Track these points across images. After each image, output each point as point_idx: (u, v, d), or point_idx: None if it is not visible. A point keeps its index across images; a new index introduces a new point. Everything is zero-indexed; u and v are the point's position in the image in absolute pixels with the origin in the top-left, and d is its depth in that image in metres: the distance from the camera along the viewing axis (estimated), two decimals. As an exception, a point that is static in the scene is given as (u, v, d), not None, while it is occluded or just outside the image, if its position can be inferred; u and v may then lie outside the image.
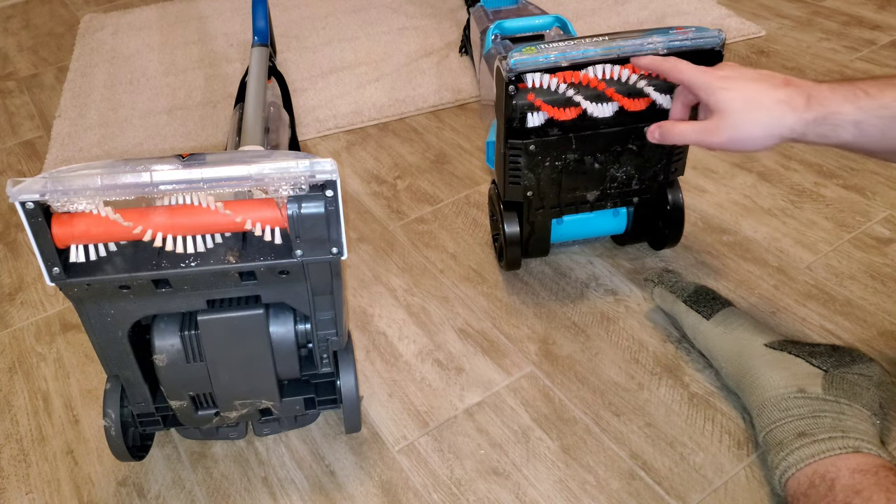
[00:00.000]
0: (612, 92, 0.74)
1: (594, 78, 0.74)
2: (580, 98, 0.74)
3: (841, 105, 0.58)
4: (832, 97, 0.59)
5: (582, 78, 0.74)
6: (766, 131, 0.61)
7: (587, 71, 0.74)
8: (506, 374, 0.78)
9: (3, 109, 1.39)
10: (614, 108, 0.75)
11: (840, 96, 0.58)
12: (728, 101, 0.62)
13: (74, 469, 0.73)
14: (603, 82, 0.74)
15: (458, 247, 0.95)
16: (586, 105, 0.74)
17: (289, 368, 0.65)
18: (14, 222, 1.08)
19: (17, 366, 0.85)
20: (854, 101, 0.58)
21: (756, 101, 0.61)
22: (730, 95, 0.62)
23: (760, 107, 0.61)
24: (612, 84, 0.74)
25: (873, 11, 1.41)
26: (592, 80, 0.74)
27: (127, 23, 1.63)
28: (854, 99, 0.58)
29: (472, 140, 1.15)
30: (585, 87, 0.74)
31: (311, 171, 0.53)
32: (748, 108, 0.62)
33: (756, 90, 0.62)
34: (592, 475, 0.68)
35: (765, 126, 0.61)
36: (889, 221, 0.93)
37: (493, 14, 1.13)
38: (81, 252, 0.55)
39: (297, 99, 1.28)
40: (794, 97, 0.60)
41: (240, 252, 0.57)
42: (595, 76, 0.74)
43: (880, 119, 0.57)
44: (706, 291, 0.79)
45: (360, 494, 0.69)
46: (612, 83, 0.74)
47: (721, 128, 0.63)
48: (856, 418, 0.62)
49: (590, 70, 0.74)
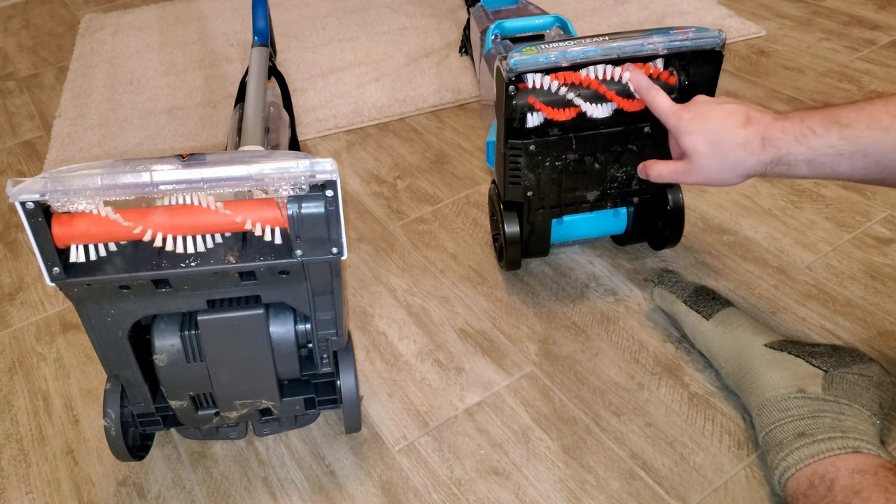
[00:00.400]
0: (609, 93, 0.74)
1: (592, 79, 0.74)
2: (578, 99, 0.74)
3: (792, 146, 0.61)
4: (784, 139, 0.61)
5: (579, 79, 0.74)
6: (731, 173, 0.65)
7: (585, 72, 0.74)
8: (506, 374, 0.78)
9: (3, 109, 1.39)
10: (612, 109, 0.75)
11: (791, 137, 0.61)
12: (694, 146, 0.66)
13: (74, 469, 0.73)
14: (601, 83, 0.74)
15: (458, 247, 0.95)
16: (584, 105, 0.74)
17: (289, 368, 0.65)
18: (14, 222, 1.08)
19: (17, 366, 0.85)
20: (803, 142, 0.61)
21: (718, 145, 0.65)
22: (695, 140, 0.66)
23: (723, 151, 0.65)
24: (610, 85, 0.74)
25: (873, 11, 1.41)
26: (590, 81, 0.74)
27: (127, 23, 1.63)
28: (803, 139, 0.61)
29: (472, 140, 1.15)
30: (583, 88, 0.74)
31: (311, 171, 0.53)
32: (713, 153, 0.65)
33: (718, 134, 0.65)
34: (592, 475, 0.68)
35: (729, 169, 0.65)
36: (889, 221, 0.93)
37: (493, 14, 1.13)
38: (81, 252, 0.55)
39: (297, 99, 1.28)
40: (750, 140, 0.63)
41: (240, 252, 0.57)
42: (593, 77, 0.74)
43: (827, 156, 0.60)
44: (706, 291, 0.79)
45: (360, 494, 0.69)
46: (610, 84, 0.74)
47: (693, 170, 0.67)
48: (855, 418, 0.62)
49: (587, 71, 0.74)
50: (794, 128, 0.61)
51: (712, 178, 0.67)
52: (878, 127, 0.57)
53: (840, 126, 0.59)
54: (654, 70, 0.75)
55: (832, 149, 0.59)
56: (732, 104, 0.66)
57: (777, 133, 0.62)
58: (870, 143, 0.58)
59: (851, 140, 0.58)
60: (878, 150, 0.57)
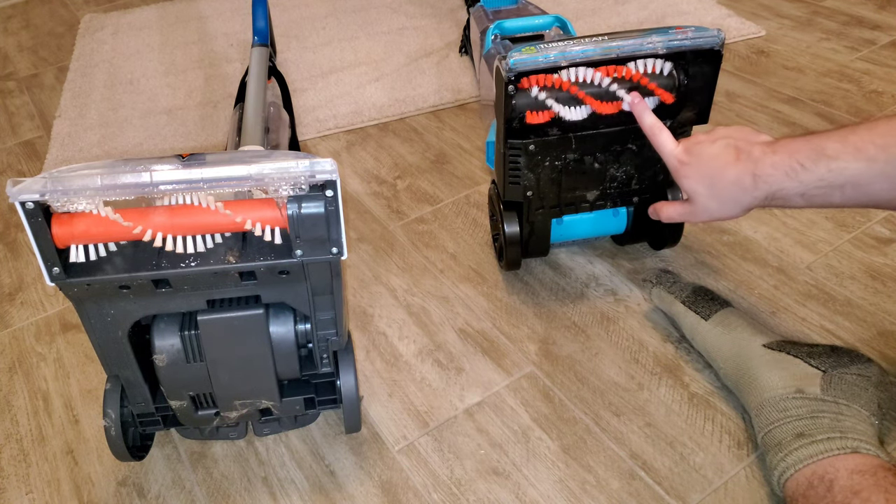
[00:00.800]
0: (584, 95, 0.74)
1: (566, 81, 0.74)
2: (553, 102, 0.74)
3: (783, 182, 0.62)
4: (775, 175, 0.62)
5: (555, 81, 0.74)
6: (733, 209, 0.66)
7: (559, 75, 0.74)
8: (506, 374, 0.78)
9: (3, 109, 1.39)
10: (587, 112, 0.75)
11: (781, 173, 0.62)
12: (693, 189, 0.68)
13: (74, 469, 0.73)
14: (575, 86, 0.74)
15: (458, 247, 0.95)
16: (558, 108, 0.74)
17: (289, 368, 0.65)
18: (14, 222, 1.08)
19: (17, 366, 0.85)
20: (794, 177, 0.61)
21: (714, 186, 0.66)
22: (692, 184, 0.68)
23: (719, 191, 0.66)
24: (585, 87, 0.74)
25: (873, 11, 1.41)
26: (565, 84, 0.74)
27: (127, 23, 1.63)
28: (793, 174, 0.61)
29: (472, 140, 1.15)
30: (558, 91, 0.74)
31: (311, 171, 0.53)
32: (711, 194, 0.67)
33: (712, 174, 0.66)
34: (592, 475, 0.68)
35: (731, 207, 0.66)
36: (889, 221, 0.93)
37: (493, 14, 1.13)
38: (81, 252, 0.55)
39: (297, 99, 1.28)
40: (742, 178, 0.64)
41: (240, 252, 0.57)
42: (568, 79, 0.74)
43: (819, 189, 0.60)
44: (704, 292, 0.79)
45: (360, 494, 0.69)
46: (584, 86, 0.74)
47: (697, 212, 0.69)
48: (854, 419, 0.62)
49: (563, 73, 0.74)
50: (784, 163, 0.62)
51: (716, 215, 0.68)
52: (863, 158, 0.58)
53: (828, 159, 0.59)
54: (627, 71, 0.74)
55: (822, 182, 0.60)
56: (723, 139, 0.67)
57: (767, 169, 0.62)
58: (857, 175, 0.58)
59: (839, 172, 0.59)
60: (867, 180, 0.58)
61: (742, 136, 0.66)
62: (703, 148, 0.67)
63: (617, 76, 0.74)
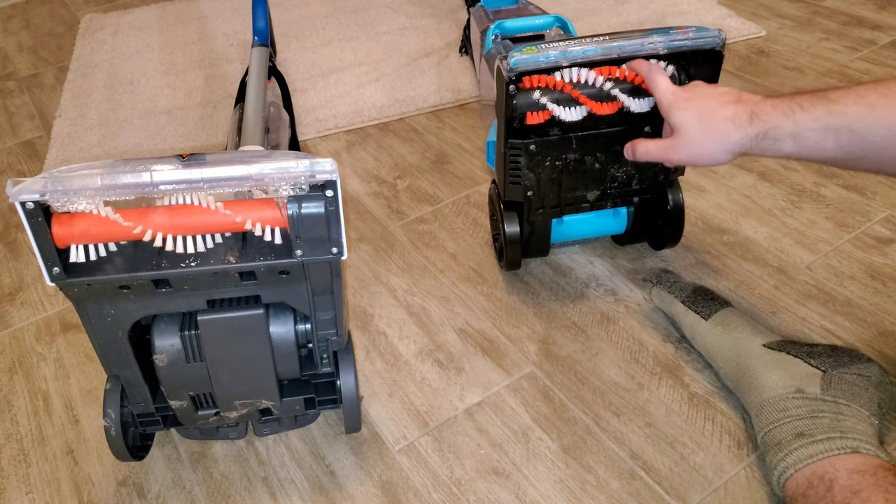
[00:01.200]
0: (580, 96, 0.74)
1: (560, 81, 0.74)
2: (549, 103, 0.74)
3: (779, 120, 0.62)
4: (772, 113, 0.62)
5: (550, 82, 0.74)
6: (717, 147, 0.66)
7: (555, 75, 0.74)
8: (506, 374, 0.78)
9: (3, 109, 1.39)
10: (584, 113, 0.75)
11: (779, 112, 0.62)
12: (684, 121, 0.67)
13: (74, 469, 0.73)
14: (570, 86, 0.74)
15: (458, 247, 0.95)
16: (555, 109, 0.74)
17: (289, 368, 0.65)
18: (14, 222, 1.08)
19: (17, 366, 0.85)
20: (790, 116, 0.61)
21: (707, 119, 0.66)
22: (686, 115, 0.67)
23: (711, 125, 0.65)
24: (581, 88, 0.74)
25: (873, 11, 1.41)
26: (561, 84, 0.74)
27: (127, 23, 1.63)
28: (790, 113, 0.61)
29: (472, 140, 1.15)
30: (554, 91, 0.74)
31: (311, 171, 0.53)
32: (701, 127, 0.66)
33: (708, 109, 0.66)
34: (592, 475, 0.68)
35: (716, 142, 0.65)
36: (889, 221, 0.93)
37: (493, 14, 1.13)
38: (81, 252, 0.55)
39: (297, 99, 1.28)
40: (739, 114, 0.64)
41: (240, 252, 0.57)
42: (562, 80, 0.74)
43: (813, 131, 0.60)
44: (704, 292, 0.79)
45: (360, 494, 0.69)
46: (581, 87, 0.74)
47: (679, 145, 0.68)
48: (854, 419, 0.62)
49: (560, 74, 0.74)
50: (783, 103, 0.62)
51: (696, 153, 0.67)
52: (864, 103, 0.58)
53: (828, 101, 0.59)
54: (622, 72, 0.74)
55: (818, 123, 0.60)
56: (727, 88, 0.67)
57: (766, 108, 0.63)
58: (856, 119, 0.58)
59: (838, 114, 0.59)
60: (864, 125, 0.58)
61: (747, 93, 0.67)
62: (703, 88, 0.68)
63: (613, 77, 0.75)
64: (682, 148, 0.68)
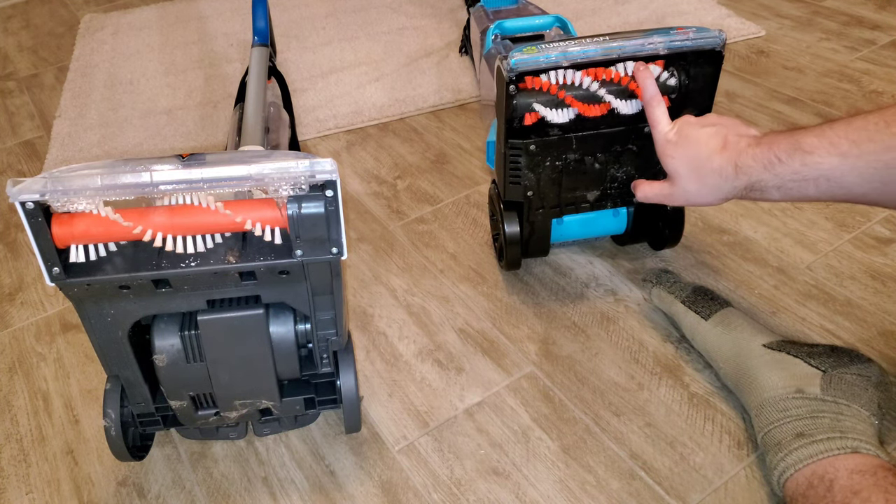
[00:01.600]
0: (568, 97, 0.74)
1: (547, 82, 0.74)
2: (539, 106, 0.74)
3: (761, 174, 0.63)
4: (754, 166, 0.63)
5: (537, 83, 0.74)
6: (711, 196, 0.68)
7: (545, 77, 0.74)
8: (506, 374, 0.78)
9: (3, 109, 1.39)
10: (572, 115, 0.75)
11: (760, 165, 0.63)
12: (675, 170, 0.69)
13: (74, 469, 0.73)
14: (558, 87, 0.74)
15: (458, 247, 0.95)
16: (541, 111, 0.74)
17: (289, 368, 0.65)
18: (14, 222, 1.08)
19: (17, 366, 0.85)
20: (770, 169, 0.62)
21: (697, 170, 0.67)
22: (677, 164, 0.69)
23: (701, 176, 0.67)
24: (569, 90, 0.74)
25: (873, 11, 1.41)
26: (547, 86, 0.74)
27: (127, 23, 1.63)
28: (770, 167, 0.62)
29: (472, 140, 1.15)
30: (543, 93, 0.74)
31: (311, 171, 0.53)
32: (692, 178, 0.68)
33: (697, 159, 0.67)
34: (592, 475, 0.68)
35: (709, 193, 0.67)
36: (889, 221, 0.93)
37: (493, 14, 1.13)
38: (81, 252, 0.55)
39: (297, 99, 1.28)
40: (725, 167, 0.65)
41: (240, 252, 0.57)
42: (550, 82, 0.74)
43: (794, 182, 0.61)
44: (704, 292, 0.79)
45: (360, 494, 0.69)
46: (568, 89, 0.74)
47: (676, 193, 0.70)
48: (854, 419, 0.62)
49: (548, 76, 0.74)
50: (763, 155, 0.62)
51: (693, 200, 0.69)
52: (836, 153, 0.58)
53: (803, 153, 0.60)
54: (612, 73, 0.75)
55: (797, 175, 0.61)
56: (713, 126, 0.67)
57: (748, 161, 0.63)
58: (829, 170, 0.59)
59: (813, 166, 0.60)
60: (839, 174, 0.59)
61: (732, 127, 0.67)
62: (692, 130, 0.68)
63: (600, 78, 0.75)
64: (680, 195, 0.70)
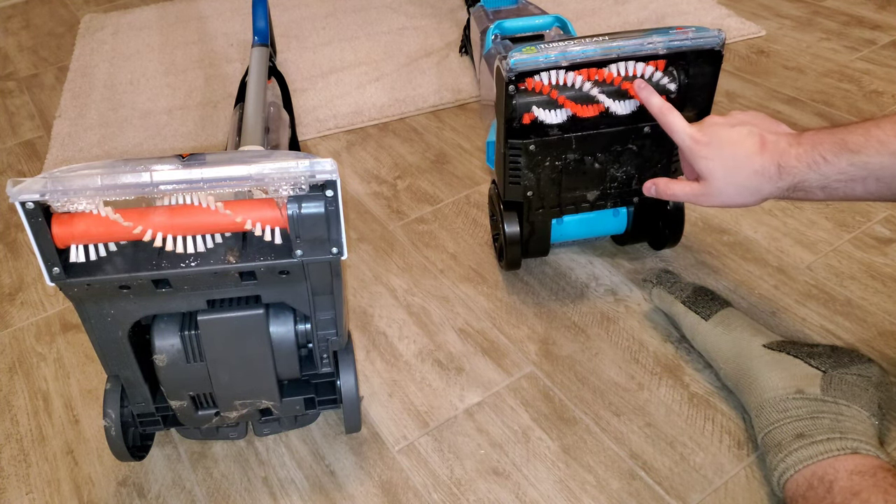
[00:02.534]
0: (561, 98, 0.74)
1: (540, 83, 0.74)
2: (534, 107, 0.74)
3: (805, 174, 0.62)
4: (798, 167, 0.62)
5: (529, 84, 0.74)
6: (750, 198, 0.66)
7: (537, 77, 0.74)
8: (506, 374, 0.78)
9: (3, 109, 1.39)
10: (565, 116, 0.75)
11: (804, 165, 0.62)
12: (710, 171, 0.67)
13: (74, 469, 0.73)
14: (550, 88, 0.74)
15: (458, 247, 0.95)
16: (535, 111, 0.74)
17: (289, 368, 0.65)
18: (14, 222, 1.08)
19: (17, 366, 0.85)
20: (815, 169, 0.62)
21: (735, 170, 0.65)
22: (711, 165, 0.66)
23: (739, 177, 0.65)
24: (563, 90, 0.74)
25: (873, 11, 1.41)
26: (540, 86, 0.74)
27: (127, 23, 1.63)
28: (815, 167, 0.61)
29: (472, 140, 1.15)
30: (537, 94, 0.74)
31: (311, 171, 0.53)
32: (729, 179, 0.66)
33: (735, 161, 0.65)
34: (592, 475, 0.68)
35: (748, 194, 0.66)
36: (889, 221, 0.93)
37: (493, 14, 1.13)
38: (81, 252, 0.55)
39: (297, 99, 1.28)
40: (767, 167, 0.64)
41: (240, 252, 0.57)
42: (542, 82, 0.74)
43: (840, 182, 0.61)
44: (705, 292, 0.79)
45: (360, 494, 0.69)
46: (562, 89, 0.74)
47: (709, 194, 0.68)
48: (854, 419, 0.62)
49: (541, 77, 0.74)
50: (807, 155, 0.62)
51: (729, 201, 0.67)
52: (886, 152, 0.58)
53: (850, 153, 0.60)
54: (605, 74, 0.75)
55: (844, 175, 0.60)
56: (745, 126, 0.66)
57: (792, 161, 0.62)
58: (880, 168, 0.59)
59: (862, 166, 0.59)
60: (889, 173, 0.58)
61: (765, 125, 0.66)
62: (722, 131, 0.67)
63: (593, 79, 0.75)
64: (715, 196, 0.67)
